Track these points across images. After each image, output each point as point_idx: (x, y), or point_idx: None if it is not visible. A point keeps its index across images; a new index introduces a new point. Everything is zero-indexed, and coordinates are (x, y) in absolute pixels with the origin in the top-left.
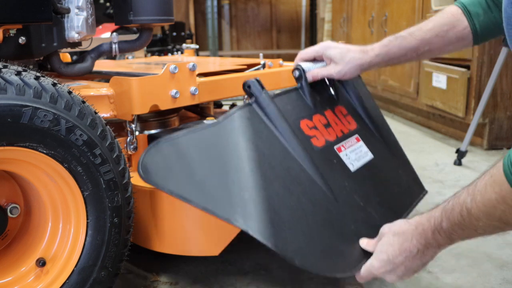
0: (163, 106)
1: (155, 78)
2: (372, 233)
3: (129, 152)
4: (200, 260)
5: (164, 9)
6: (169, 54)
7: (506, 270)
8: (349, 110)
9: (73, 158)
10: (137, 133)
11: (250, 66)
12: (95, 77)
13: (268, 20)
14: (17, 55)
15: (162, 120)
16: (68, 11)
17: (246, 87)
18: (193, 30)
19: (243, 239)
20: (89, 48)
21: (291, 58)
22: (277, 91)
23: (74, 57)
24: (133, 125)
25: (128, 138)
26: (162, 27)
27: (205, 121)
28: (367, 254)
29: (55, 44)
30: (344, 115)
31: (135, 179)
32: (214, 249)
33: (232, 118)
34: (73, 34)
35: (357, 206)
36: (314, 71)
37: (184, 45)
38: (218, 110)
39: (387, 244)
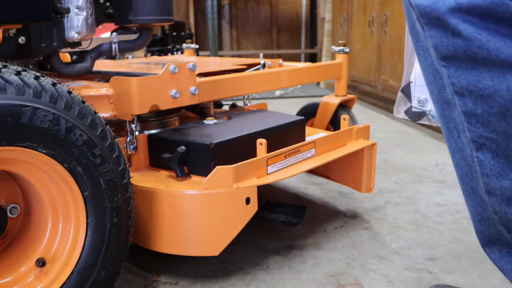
0: (163, 106)
1: (155, 78)
2: None
3: (129, 152)
4: (200, 260)
5: (164, 9)
6: (169, 54)
7: None
8: None
9: (73, 158)
10: (137, 133)
11: (250, 66)
12: (95, 77)
13: (268, 20)
14: (17, 55)
15: (162, 120)
16: (68, 11)
17: None
18: (193, 30)
19: (243, 239)
20: (89, 48)
21: (291, 58)
22: None
23: (74, 57)
24: (133, 125)
25: (128, 138)
26: (162, 27)
27: (205, 121)
28: None
29: (55, 44)
30: None
31: (135, 179)
32: (214, 249)
33: None
34: (73, 34)
35: None
36: None
37: (184, 45)
38: (218, 110)
39: None
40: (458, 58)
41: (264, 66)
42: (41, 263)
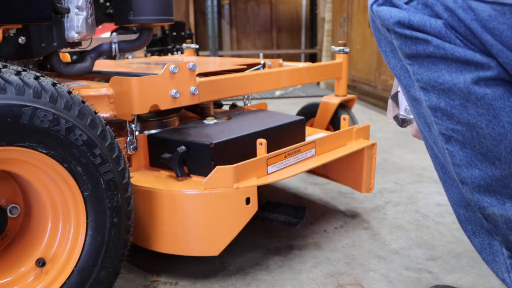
0: (163, 106)
1: (155, 78)
2: None
3: (129, 152)
4: (200, 260)
5: (164, 9)
6: (169, 54)
7: None
8: None
9: (73, 158)
10: (137, 133)
11: (250, 66)
12: (95, 77)
13: (268, 20)
14: (17, 55)
15: (162, 120)
16: (68, 10)
17: None
18: (193, 30)
19: (243, 239)
20: (89, 48)
21: (291, 58)
22: None
23: (74, 57)
24: (133, 125)
25: (128, 138)
26: (162, 27)
27: (205, 121)
28: None
29: (55, 44)
30: None
31: (135, 179)
32: (214, 249)
33: None
34: (73, 34)
35: None
36: None
37: (184, 45)
38: (218, 110)
39: None
40: (420, 56)
41: (264, 66)
42: (41, 263)
